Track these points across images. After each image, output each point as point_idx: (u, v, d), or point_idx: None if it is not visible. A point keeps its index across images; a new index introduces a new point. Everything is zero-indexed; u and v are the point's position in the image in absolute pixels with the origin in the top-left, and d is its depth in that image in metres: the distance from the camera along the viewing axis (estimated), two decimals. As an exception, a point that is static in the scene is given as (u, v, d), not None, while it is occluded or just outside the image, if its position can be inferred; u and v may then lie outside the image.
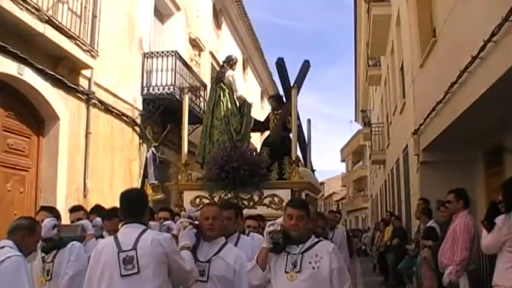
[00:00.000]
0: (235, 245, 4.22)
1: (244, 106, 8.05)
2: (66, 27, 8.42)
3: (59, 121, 8.91)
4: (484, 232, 4.73)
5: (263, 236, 4.61)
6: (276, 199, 6.74)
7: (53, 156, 8.84)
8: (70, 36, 8.57)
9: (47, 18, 7.84)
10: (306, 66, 8.25)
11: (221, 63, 8.49)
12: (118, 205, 3.71)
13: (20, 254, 3.48)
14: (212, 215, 3.95)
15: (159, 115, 12.57)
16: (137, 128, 12.03)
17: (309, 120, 8.81)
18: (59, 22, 8.24)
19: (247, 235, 4.91)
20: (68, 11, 8.78)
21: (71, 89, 9.23)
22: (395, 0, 13.35)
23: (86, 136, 9.73)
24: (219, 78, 8.12)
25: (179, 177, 7.42)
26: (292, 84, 7.92)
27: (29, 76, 8.05)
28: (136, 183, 11.73)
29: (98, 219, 4.99)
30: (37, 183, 8.68)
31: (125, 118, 11.40)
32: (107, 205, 5.81)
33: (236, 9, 20.30)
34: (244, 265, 3.84)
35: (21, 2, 7.24)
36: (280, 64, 8.44)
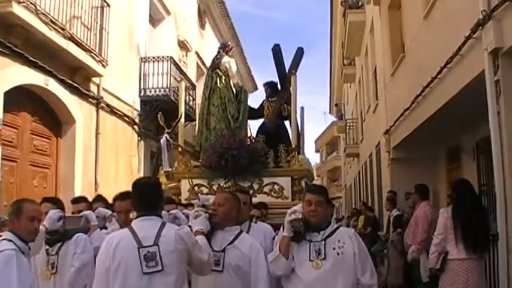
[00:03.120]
0: (247, 232, 4.14)
1: (241, 93, 7.97)
2: (84, 42, 9.57)
3: (75, 124, 10.10)
4: None
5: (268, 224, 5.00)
6: (276, 187, 6.68)
7: (70, 155, 10.05)
8: (86, 49, 9.72)
9: (69, 35, 8.98)
10: (299, 53, 8.15)
11: (217, 49, 8.37)
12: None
13: (12, 247, 3.25)
14: (218, 201, 3.86)
15: (156, 114, 13.70)
16: (136, 127, 13.20)
17: (302, 108, 8.51)
18: (78, 38, 9.40)
19: (255, 223, 4.83)
20: (81, 24, 9.90)
21: (84, 95, 10.41)
22: (370, 10, 14.62)
23: (96, 136, 10.94)
24: (215, 64, 7.98)
25: (175, 165, 7.34)
26: (287, 71, 7.97)
27: (53, 86, 9.22)
28: (136, 176, 12.92)
29: (101, 209, 4.73)
30: (57, 179, 9.86)
31: (126, 118, 12.58)
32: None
33: (218, 9, 21.40)
34: (260, 252, 3.76)
35: (50, 24, 8.39)
36: (277, 51, 8.22)
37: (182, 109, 7.62)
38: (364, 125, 19.60)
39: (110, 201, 5.08)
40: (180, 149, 7.30)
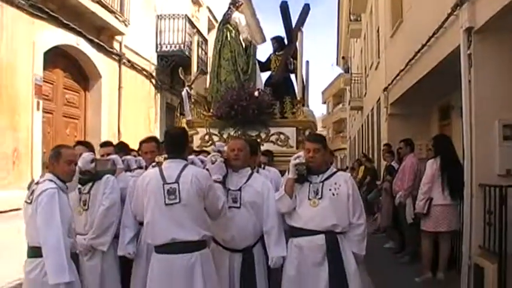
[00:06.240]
0: None
1: (250, 47, 8.16)
2: (109, 5, 10.49)
3: (100, 79, 11.18)
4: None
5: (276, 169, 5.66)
6: (282, 136, 7.11)
7: (96, 107, 11.17)
8: (111, 11, 10.65)
9: (97, -1, 9.95)
10: (305, 10, 8.22)
11: (228, 5, 8.50)
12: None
13: (54, 186, 3.71)
14: (238, 147, 4.30)
15: (171, 69, 14.70)
16: (153, 81, 14.22)
17: (307, 62, 8.54)
18: (104, 1, 10.30)
19: (263, 169, 5.41)
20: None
21: (109, 52, 11.43)
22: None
23: (119, 90, 12.03)
24: (225, 19, 8.22)
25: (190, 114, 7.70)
26: (294, 27, 8.07)
27: (83, 45, 10.24)
28: (153, 126, 14.04)
29: (132, 158, 5.10)
30: (85, 129, 11.01)
31: (144, 73, 13.61)
32: (135, 145, 6.18)
33: (230, -38, 21.84)
34: (271, 190, 4.24)
35: (80, -11, 9.33)
36: (284, 7, 8.28)
37: (195, 62, 8.02)
38: (367, 80, 20.38)
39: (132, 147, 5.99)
40: (193, 100, 7.78)
